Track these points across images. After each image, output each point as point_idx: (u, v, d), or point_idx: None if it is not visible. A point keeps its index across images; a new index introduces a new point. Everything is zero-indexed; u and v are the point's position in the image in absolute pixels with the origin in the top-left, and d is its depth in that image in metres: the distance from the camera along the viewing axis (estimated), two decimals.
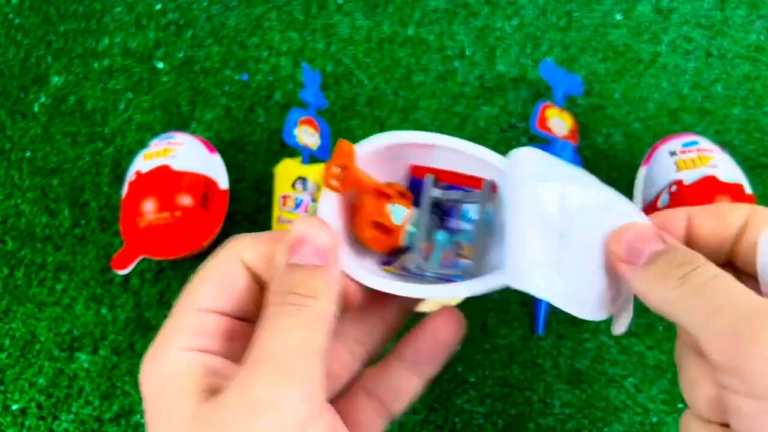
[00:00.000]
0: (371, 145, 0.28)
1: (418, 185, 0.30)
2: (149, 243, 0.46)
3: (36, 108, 0.56)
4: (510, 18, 0.59)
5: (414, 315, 0.31)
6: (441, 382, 0.46)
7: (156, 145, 0.49)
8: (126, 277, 0.49)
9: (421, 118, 0.55)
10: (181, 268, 0.50)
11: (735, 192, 0.44)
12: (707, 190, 0.44)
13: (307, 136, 0.50)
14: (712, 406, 0.23)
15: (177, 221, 0.46)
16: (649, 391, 0.45)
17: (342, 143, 0.28)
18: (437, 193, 0.29)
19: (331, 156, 0.28)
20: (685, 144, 0.47)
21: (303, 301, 0.24)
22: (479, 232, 0.28)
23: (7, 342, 0.48)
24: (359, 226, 0.29)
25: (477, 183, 0.29)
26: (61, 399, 0.46)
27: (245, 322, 0.27)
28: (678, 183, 0.45)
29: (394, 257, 0.30)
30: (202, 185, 0.48)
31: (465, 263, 0.28)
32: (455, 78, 0.56)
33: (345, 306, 0.27)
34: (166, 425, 0.24)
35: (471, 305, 0.47)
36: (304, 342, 0.23)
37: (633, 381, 0.45)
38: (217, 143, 0.53)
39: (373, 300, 0.29)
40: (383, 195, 0.28)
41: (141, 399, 0.45)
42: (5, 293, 0.50)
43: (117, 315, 0.48)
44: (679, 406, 0.45)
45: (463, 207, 0.29)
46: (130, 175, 0.48)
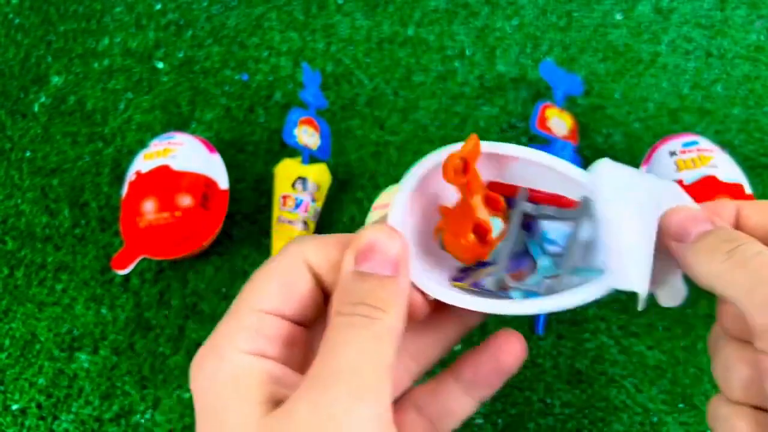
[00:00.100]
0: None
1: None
2: (149, 243, 0.46)
3: (36, 108, 0.56)
4: (510, 18, 0.59)
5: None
6: None
7: (156, 145, 0.49)
8: (126, 277, 0.49)
9: (421, 118, 0.55)
10: (181, 268, 0.50)
11: (735, 192, 0.44)
12: (707, 190, 0.44)
13: (307, 136, 0.50)
14: (747, 386, 0.25)
15: (177, 221, 0.46)
16: (649, 391, 0.45)
17: (474, 137, 0.26)
18: (529, 208, 0.27)
19: (462, 147, 0.26)
20: (685, 144, 0.47)
21: (373, 313, 0.23)
22: (573, 249, 0.26)
23: (7, 342, 0.48)
24: (455, 229, 0.26)
25: (549, 200, 0.27)
26: (61, 399, 0.46)
27: (303, 327, 0.26)
28: (678, 183, 0.45)
29: (466, 272, 0.28)
30: (202, 185, 0.48)
31: (550, 283, 0.27)
32: (455, 78, 0.56)
33: (409, 320, 0.25)
34: None
35: None
36: (375, 358, 0.23)
37: (633, 381, 0.45)
38: (217, 143, 0.53)
39: (434, 316, 0.27)
40: (493, 202, 0.27)
41: (140, 398, 0.45)
42: (5, 293, 0.50)
43: (117, 315, 0.48)
44: (680, 405, 0.45)
45: (543, 228, 0.28)
46: (130, 175, 0.48)
